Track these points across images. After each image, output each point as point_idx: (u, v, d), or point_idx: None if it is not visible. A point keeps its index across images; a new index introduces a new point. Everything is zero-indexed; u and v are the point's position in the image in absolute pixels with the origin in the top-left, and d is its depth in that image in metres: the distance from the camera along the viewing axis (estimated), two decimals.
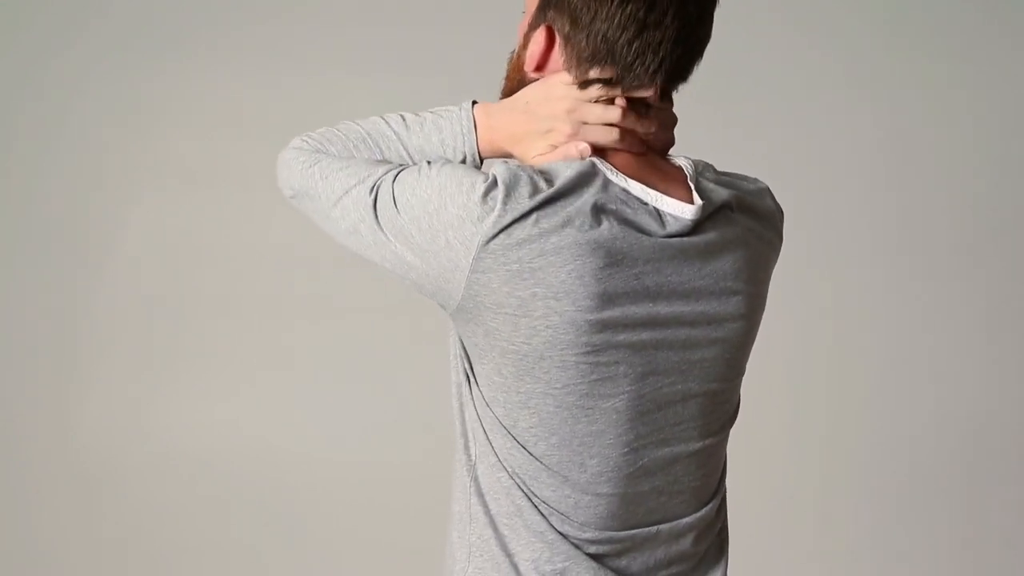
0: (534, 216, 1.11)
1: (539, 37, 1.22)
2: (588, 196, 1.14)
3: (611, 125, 1.20)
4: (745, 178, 1.31)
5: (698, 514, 1.29)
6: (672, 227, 1.17)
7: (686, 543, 1.28)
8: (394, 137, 1.27)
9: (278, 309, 2.98)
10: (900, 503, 3.03)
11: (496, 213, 1.11)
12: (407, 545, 2.78)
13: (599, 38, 1.17)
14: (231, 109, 2.96)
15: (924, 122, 2.97)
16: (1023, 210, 2.99)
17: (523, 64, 1.25)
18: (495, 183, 1.12)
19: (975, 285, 3.00)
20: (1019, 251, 3.00)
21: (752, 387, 1.73)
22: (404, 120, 1.27)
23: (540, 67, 1.23)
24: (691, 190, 1.21)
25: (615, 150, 1.21)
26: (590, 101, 1.20)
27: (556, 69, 1.22)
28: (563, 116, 1.20)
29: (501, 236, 1.11)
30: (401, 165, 1.22)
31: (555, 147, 1.21)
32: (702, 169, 1.25)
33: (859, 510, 3.02)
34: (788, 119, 2.95)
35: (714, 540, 1.34)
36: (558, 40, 1.21)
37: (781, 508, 2.98)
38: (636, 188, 1.18)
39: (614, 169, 1.18)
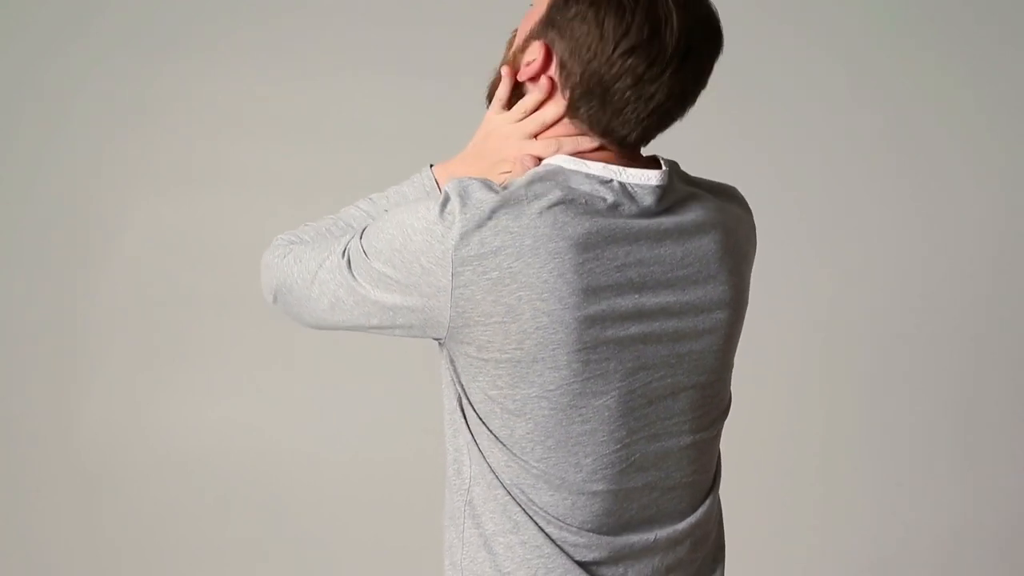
0: (502, 219, 1.13)
1: (537, 52, 1.22)
2: (551, 190, 1.15)
3: (552, 137, 1.23)
4: (715, 181, 1.34)
5: (693, 519, 1.29)
6: (642, 199, 1.19)
7: (683, 551, 1.29)
8: (362, 215, 1.31)
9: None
10: (899, 500, 3.03)
11: (458, 223, 1.12)
12: (407, 545, 2.79)
13: (594, 79, 1.18)
14: (231, 109, 2.96)
15: (925, 122, 2.97)
16: (1023, 210, 2.99)
17: (518, 66, 1.26)
18: (448, 197, 1.14)
19: (975, 283, 3.00)
20: (1019, 249, 3.00)
21: (750, 386, 1.73)
22: (370, 198, 1.33)
23: (534, 80, 1.25)
24: (659, 162, 1.24)
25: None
26: (517, 121, 1.25)
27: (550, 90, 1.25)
28: (503, 145, 1.25)
29: (473, 244, 1.12)
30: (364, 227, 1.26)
31: (503, 174, 1.25)
32: (672, 164, 1.27)
33: (858, 509, 3.03)
34: (788, 119, 2.95)
35: (710, 548, 1.35)
36: (554, 61, 1.21)
37: (778, 508, 2.98)
38: (596, 168, 1.19)
39: (571, 157, 1.20)
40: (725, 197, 1.31)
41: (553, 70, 1.21)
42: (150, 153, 2.98)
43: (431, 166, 1.31)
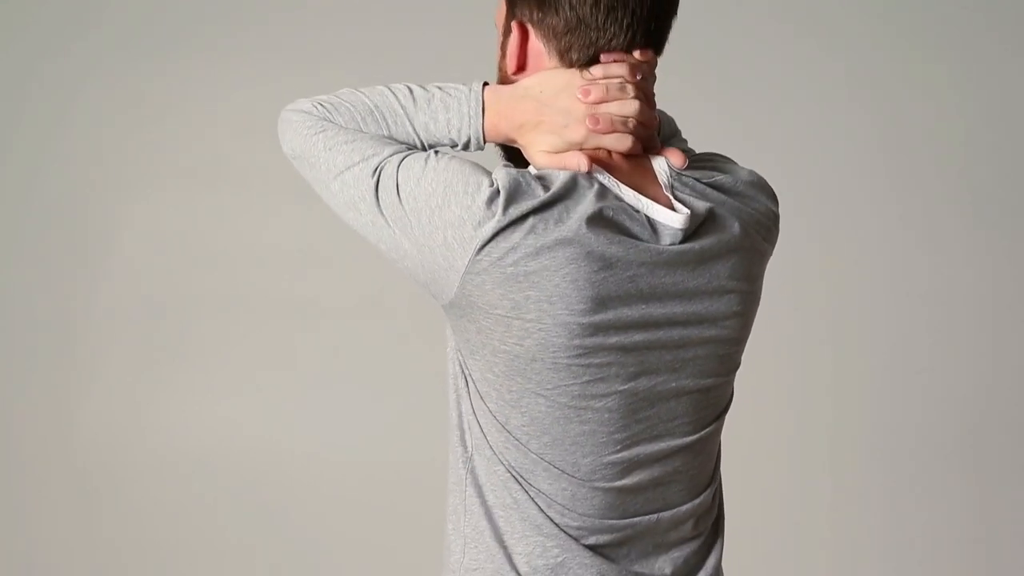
0: (530, 221, 1.12)
1: (513, 37, 1.23)
2: (584, 202, 1.14)
3: (623, 132, 1.18)
4: (733, 171, 1.27)
5: (696, 501, 1.29)
6: (665, 238, 1.18)
7: (686, 529, 1.29)
8: (401, 112, 1.24)
9: (278, 309, 2.98)
10: (904, 495, 3.03)
11: (496, 219, 1.11)
12: (407, 545, 2.78)
13: (568, 10, 1.18)
14: (231, 109, 2.96)
15: (923, 122, 2.97)
16: (1022, 208, 2.99)
17: (506, 71, 1.25)
18: (497, 192, 1.12)
19: (974, 281, 3.00)
20: (1018, 247, 3.00)
21: (752, 383, 1.73)
22: (412, 94, 1.25)
23: (522, 66, 1.24)
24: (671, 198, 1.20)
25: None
26: (603, 81, 1.19)
27: (538, 64, 1.22)
28: (579, 112, 1.18)
29: (499, 240, 1.12)
30: (407, 148, 1.21)
31: (569, 144, 1.19)
32: (677, 176, 1.22)
33: (862, 504, 3.02)
34: (788, 119, 2.95)
35: (712, 520, 1.35)
36: (531, 30, 1.22)
37: (784, 502, 2.98)
38: (629, 195, 1.18)
39: (608, 175, 1.18)
40: (748, 198, 1.26)
41: (532, 39, 1.22)
42: (150, 153, 2.98)
43: (484, 85, 1.24)
